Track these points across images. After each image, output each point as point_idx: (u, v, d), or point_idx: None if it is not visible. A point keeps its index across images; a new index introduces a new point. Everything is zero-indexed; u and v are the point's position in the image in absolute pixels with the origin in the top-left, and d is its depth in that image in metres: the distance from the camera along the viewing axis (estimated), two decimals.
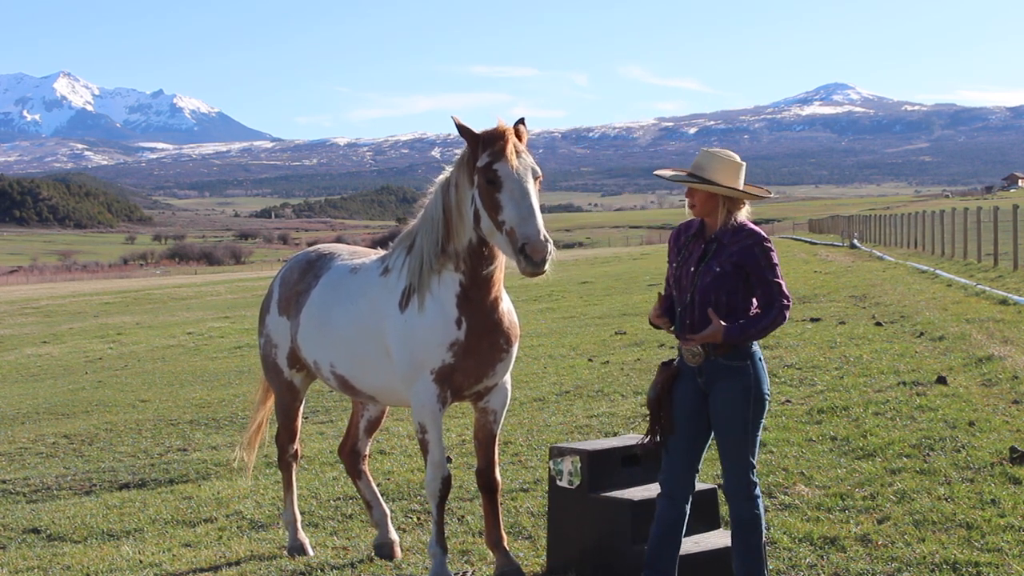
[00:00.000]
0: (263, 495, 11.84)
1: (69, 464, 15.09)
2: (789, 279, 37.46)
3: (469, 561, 8.99)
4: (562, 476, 8.44)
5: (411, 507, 10.74)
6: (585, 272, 59.46)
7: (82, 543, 10.77)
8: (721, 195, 7.21)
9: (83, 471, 14.47)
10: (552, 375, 19.18)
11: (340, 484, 11.90)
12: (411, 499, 11.00)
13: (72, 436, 17.19)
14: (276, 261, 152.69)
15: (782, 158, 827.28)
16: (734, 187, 7.18)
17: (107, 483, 13.72)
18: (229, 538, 10.35)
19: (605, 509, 8.17)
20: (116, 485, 13.57)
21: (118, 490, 13.30)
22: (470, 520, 10.08)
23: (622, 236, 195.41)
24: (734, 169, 7.21)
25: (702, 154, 7.27)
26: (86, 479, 13.99)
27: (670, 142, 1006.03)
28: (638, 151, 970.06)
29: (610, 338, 24.43)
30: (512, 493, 10.79)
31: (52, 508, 12.44)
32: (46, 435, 17.49)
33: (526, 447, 12.97)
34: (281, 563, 9.38)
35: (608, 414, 14.62)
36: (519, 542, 9.35)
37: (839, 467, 10.67)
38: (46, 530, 11.35)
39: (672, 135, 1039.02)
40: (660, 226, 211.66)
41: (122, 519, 11.49)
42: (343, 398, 16.76)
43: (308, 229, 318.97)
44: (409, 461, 12.64)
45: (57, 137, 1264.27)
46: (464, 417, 15.57)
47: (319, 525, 10.56)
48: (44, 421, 19.29)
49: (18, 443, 16.99)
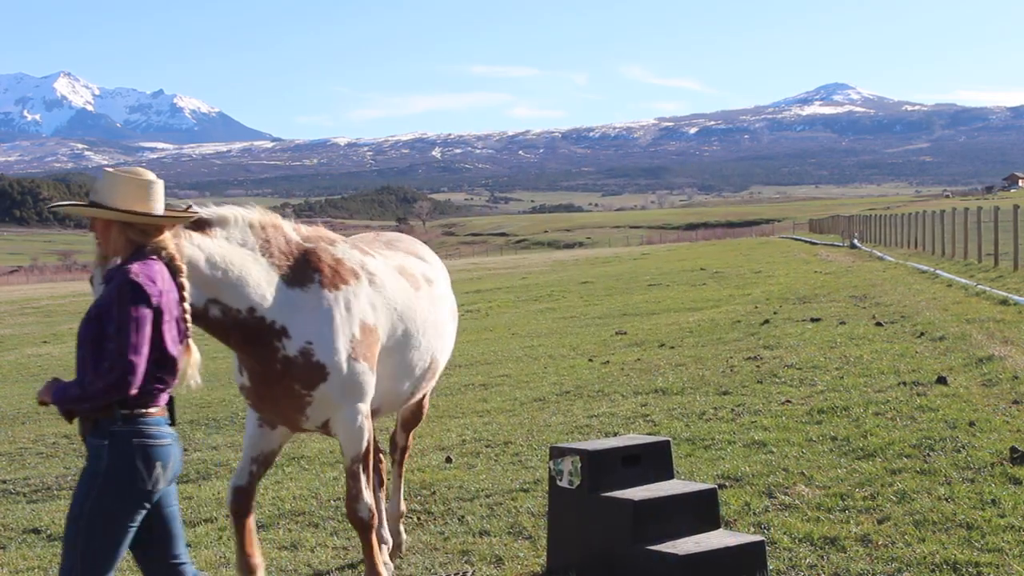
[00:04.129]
0: (263, 495, 11.81)
1: (69, 464, 15.06)
2: (790, 279, 37.63)
3: (469, 561, 8.99)
4: (562, 476, 8.44)
5: (411, 507, 10.73)
6: (585, 272, 59.49)
7: None
8: (117, 222, 5.96)
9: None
10: (552, 375, 19.17)
11: (340, 484, 11.88)
12: (411, 499, 10.99)
13: (72, 436, 17.15)
14: None
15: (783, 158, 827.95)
16: (129, 210, 5.93)
17: None
18: (229, 538, 10.33)
19: (605, 509, 8.16)
20: None
21: None
22: (470, 520, 10.08)
23: (622, 236, 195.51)
24: (137, 188, 5.99)
25: (102, 176, 6.08)
26: None
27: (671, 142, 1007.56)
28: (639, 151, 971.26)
29: (610, 338, 24.44)
30: (512, 493, 10.79)
31: (52, 508, 12.42)
32: (46, 435, 17.47)
33: (526, 447, 12.97)
34: (281, 562, 9.38)
35: (608, 414, 14.62)
36: (519, 542, 9.35)
37: (839, 467, 10.66)
38: (46, 530, 11.32)
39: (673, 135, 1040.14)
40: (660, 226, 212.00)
41: None
42: None
43: None
44: (409, 461, 12.63)
45: (57, 137, 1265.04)
46: (463, 417, 15.58)
47: (319, 525, 10.55)
48: (45, 421, 19.26)
49: (19, 443, 16.99)
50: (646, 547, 7.83)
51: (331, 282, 7.66)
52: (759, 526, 9.08)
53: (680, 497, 8.23)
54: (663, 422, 13.67)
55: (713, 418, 13.62)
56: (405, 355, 8.31)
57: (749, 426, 12.83)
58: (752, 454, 11.46)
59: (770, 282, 37.96)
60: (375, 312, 7.93)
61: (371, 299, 7.92)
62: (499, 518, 10.05)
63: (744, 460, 11.19)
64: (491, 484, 11.23)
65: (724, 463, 11.15)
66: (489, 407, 16.32)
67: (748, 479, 10.49)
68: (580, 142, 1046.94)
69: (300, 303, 7.48)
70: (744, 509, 9.61)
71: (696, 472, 10.86)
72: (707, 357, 19.31)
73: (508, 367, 21.04)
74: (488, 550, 9.15)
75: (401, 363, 8.29)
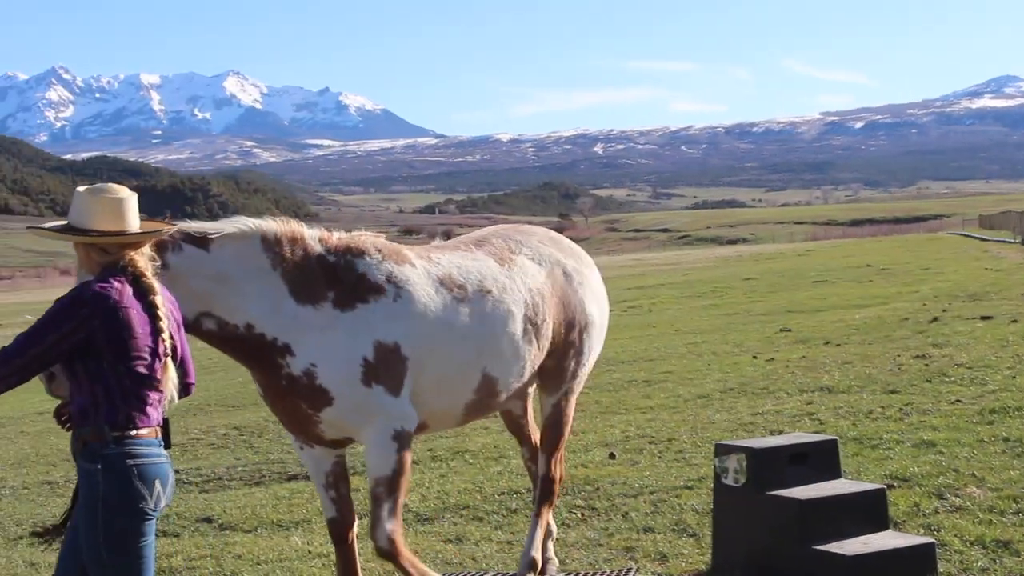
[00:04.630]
0: (428, 488, 11.95)
1: (240, 455, 15.40)
2: (959, 276, 36.85)
3: (633, 557, 8.99)
4: (727, 474, 8.38)
5: (575, 503, 10.76)
6: (749, 268, 59.01)
7: (252, 532, 10.97)
8: (84, 244, 5.84)
9: (253, 462, 14.77)
10: (716, 372, 19.06)
11: (504, 478, 11.97)
12: (574, 495, 11.02)
13: (242, 428, 17.56)
14: None
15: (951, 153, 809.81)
16: (83, 229, 5.77)
17: (276, 474, 13.97)
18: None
19: (771, 508, 8.08)
20: (285, 476, 13.81)
21: (287, 481, 13.53)
22: (634, 517, 10.06)
23: (786, 232, 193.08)
24: (104, 206, 5.79)
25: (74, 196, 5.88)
26: (256, 470, 14.27)
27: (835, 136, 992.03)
28: (803, 146, 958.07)
29: (775, 335, 24.21)
30: (676, 490, 10.76)
31: (223, 498, 12.72)
32: (217, 426, 17.89)
33: (690, 444, 12.91)
34: (446, 555, 9.48)
35: (773, 412, 14.48)
36: (683, 539, 9.32)
37: (1012, 469, 10.41)
38: (218, 519, 11.58)
39: (837, 129, 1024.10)
40: (825, 222, 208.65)
41: (291, 510, 11.68)
42: None
43: (471, 225, 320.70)
44: (572, 457, 12.66)
45: (227, 135, 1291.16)
46: (627, 414, 15.56)
47: (483, 519, 10.62)
48: (215, 413, 19.73)
49: (191, 434, 17.40)
50: (813, 547, 7.75)
51: (346, 301, 7.30)
52: (929, 528, 8.91)
53: (848, 497, 8.11)
54: (829, 421, 13.49)
55: (881, 417, 13.40)
56: (438, 370, 7.61)
57: (918, 426, 12.59)
58: (921, 454, 11.24)
59: (939, 279, 37.26)
60: (397, 327, 7.39)
61: (394, 314, 7.40)
62: (663, 515, 10.03)
63: (913, 460, 10.99)
64: (655, 480, 11.21)
65: (892, 463, 10.96)
66: (652, 403, 16.28)
67: (917, 480, 10.29)
68: (743, 137, 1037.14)
69: (309, 321, 7.18)
70: (913, 510, 9.44)
71: (863, 472, 10.69)
72: (874, 355, 19.01)
73: (671, 364, 20.96)
74: (652, 547, 9.14)
75: (435, 378, 7.63)
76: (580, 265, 8.71)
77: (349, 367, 7.21)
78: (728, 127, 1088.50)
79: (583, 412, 16.05)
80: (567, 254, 8.69)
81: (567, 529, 9.95)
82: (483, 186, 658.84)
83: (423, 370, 7.52)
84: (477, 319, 7.77)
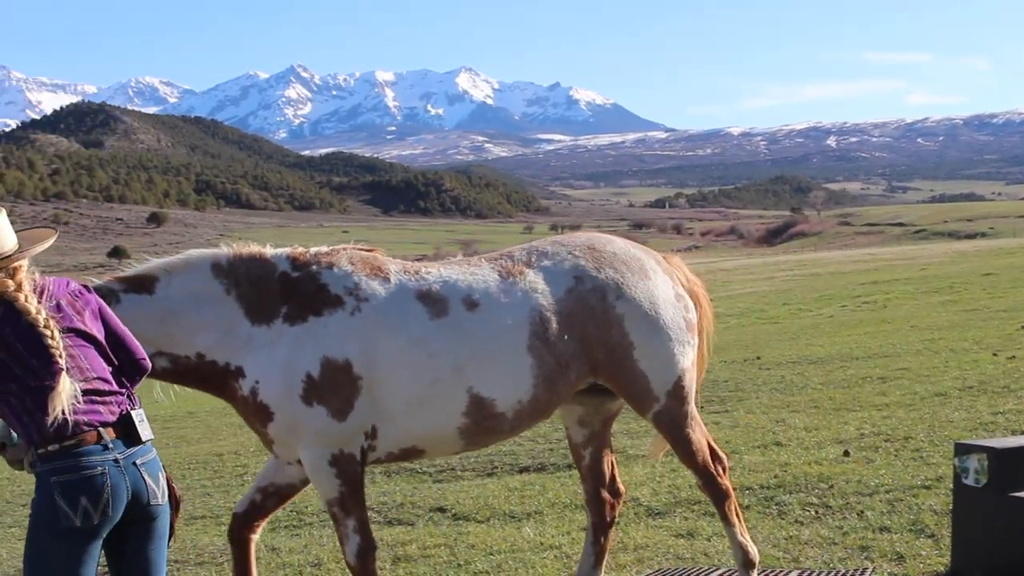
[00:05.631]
0: (659, 483, 11.93)
1: None
2: None
3: (869, 557, 8.83)
4: (968, 474, 8.17)
5: (808, 500, 10.62)
6: (988, 263, 57.29)
7: (485, 523, 11.11)
8: None
9: (485, 454, 14.93)
10: (954, 369, 18.58)
11: (736, 474, 11.87)
12: (808, 492, 10.87)
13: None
14: (669, 251, 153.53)
15: None
16: None
17: (508, 466, 14.12)
18: (627, 524, 10.47)
19: (1015, 510, 7.85)
20: (517, 468, 13.95)
21: (519, 473, 13.67)
22: (869, 516, 9.89)
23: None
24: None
25: None
26: (488, 462, 14.44)
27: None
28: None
29: (1016, 332, 23.50)
30: (913, 489, 10.52)
31: (457, 489, 12.91)
32: None
33: (927, 442, 12.62)
34: (678, 550, 9.46)
35: (1015, 411, 14.05)
36: (920, 540, 9.11)
37: None
38: (451, 509, 11.76)
39: None
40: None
41: (523, 501, 11.78)
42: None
43: (702, 219, 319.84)
44: (806, 454, 12.51)
45: (459, 130, 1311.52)
46: (861, 411, 15.29)
47: (715, 514, 10.56)
48: None
49: None
50: None
51: (297, 314, 7.02)
52: None
53: None
54: None
55: None
56: (409, 391, 7.10)
57: None
58: None
59: None
60: (352, 343, 7.02)
61: (349, 329, 7.04)
62: (900, 514, 9.82)
63: None
64: (891, 479, 10.98)
65: None
66: (888, 401, 15.97)
67: None
68: (982, 129, 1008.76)
69: (258, 341, 6.97)
70: None
71: None
72: None
73: (907, 360, 20.53)
74: (888, 547, 8.96)
75: (408, 400, 7.12)
76: (624, 276, 7.70)
77: (288, 381, 6.93)
78: (966, 118, 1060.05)
79: (816, 409, 15.85)
80: (606, 263, 7.73)
81: (800, 527, 9.82)
82: (714, 180, 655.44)
83: (389, 391, 7.09)
84: (455, 336, 7.22)
